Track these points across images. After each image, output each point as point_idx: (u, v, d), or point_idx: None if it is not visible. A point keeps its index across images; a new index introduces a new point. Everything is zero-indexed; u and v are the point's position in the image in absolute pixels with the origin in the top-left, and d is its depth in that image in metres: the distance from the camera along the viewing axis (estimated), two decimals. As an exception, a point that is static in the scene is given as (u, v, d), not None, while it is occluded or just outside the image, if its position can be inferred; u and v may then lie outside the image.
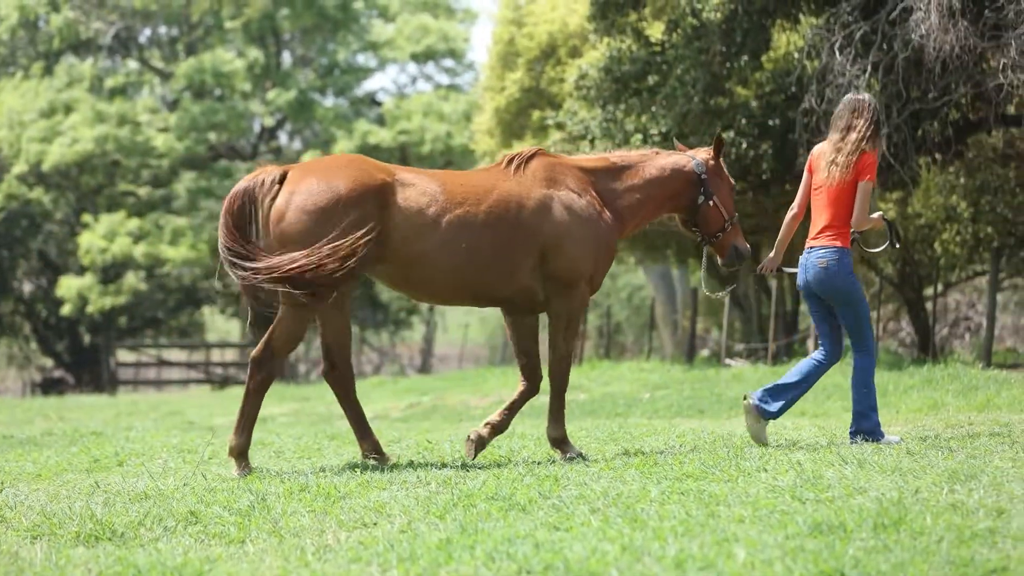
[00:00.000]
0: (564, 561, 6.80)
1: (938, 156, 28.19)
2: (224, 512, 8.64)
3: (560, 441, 11.18)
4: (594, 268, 11.17)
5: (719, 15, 26.04)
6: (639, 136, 27.22)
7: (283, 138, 59.27)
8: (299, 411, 28.94)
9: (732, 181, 11.67)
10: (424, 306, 55.75)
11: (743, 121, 27.02)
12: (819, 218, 11.23)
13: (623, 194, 11.34)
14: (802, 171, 11.73)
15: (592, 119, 28.77)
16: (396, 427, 19.03)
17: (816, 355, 11.32)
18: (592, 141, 28.62)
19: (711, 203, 11.40)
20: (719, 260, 11.56)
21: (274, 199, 10.64)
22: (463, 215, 10.76)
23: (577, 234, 11.00)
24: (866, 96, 11.29)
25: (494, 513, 8.14)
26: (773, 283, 34.32)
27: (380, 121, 55.09)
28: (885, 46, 24.41)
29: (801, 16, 27.47)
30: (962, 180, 39.12)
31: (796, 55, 27.01)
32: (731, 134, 26.84)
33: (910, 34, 23.24)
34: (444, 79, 59.50)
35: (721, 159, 11.58)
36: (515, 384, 11.54)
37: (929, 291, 40.14)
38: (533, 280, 11.02)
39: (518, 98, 37.08)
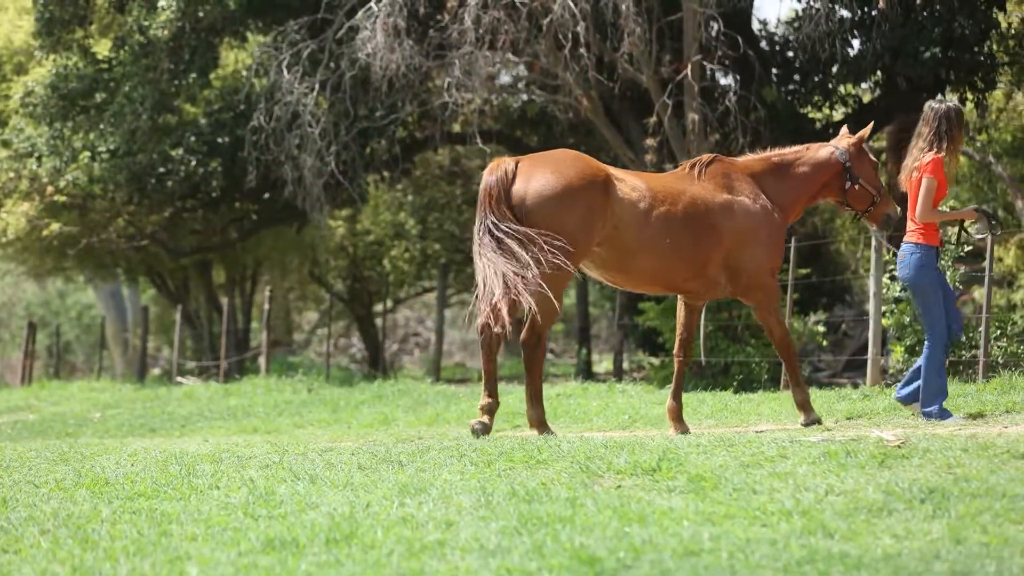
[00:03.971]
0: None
1: (386, 174, 28.78)
2: None
3: (803, 405, 12.60)
4: (771, 261, 12.52)
5: (166, 32, 25.69)
6: (87, 153, 26.56)
7: None
8: None
9: (874, 158, 12.94)
10: None
11: (192, 139, 26.76)
12: (909, 218, 12.10)
13: (785, 191, 12.64)
14: (251, 188, 11.79)
15: (39, 136, 27.90)
16: None
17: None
18: (39, 159, 27.74)
19: (857, 186, 12.70)
20: (872, 226, 13.18)
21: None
22: (666, 212, 12.01)
23: (758, 234, 12.38)
24: (935, 103, 12.12)
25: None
26: (224, 301, 34.11)
27: None
28: (333, 64, 24.72)
29: (249, 34, 27.49)
30: (410, 197, 40.18)
31: (245, 73, 27.00)
32: (180, 152, 26.53)
33: (357, 53, 23.62)
34: None
35: (863, 143, 12.86)
36: None
37: (379, 307, 40.93)
38: (718, 273, 12.35)
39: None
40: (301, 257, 39.32)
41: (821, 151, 12.81)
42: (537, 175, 11.80)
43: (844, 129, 13.31)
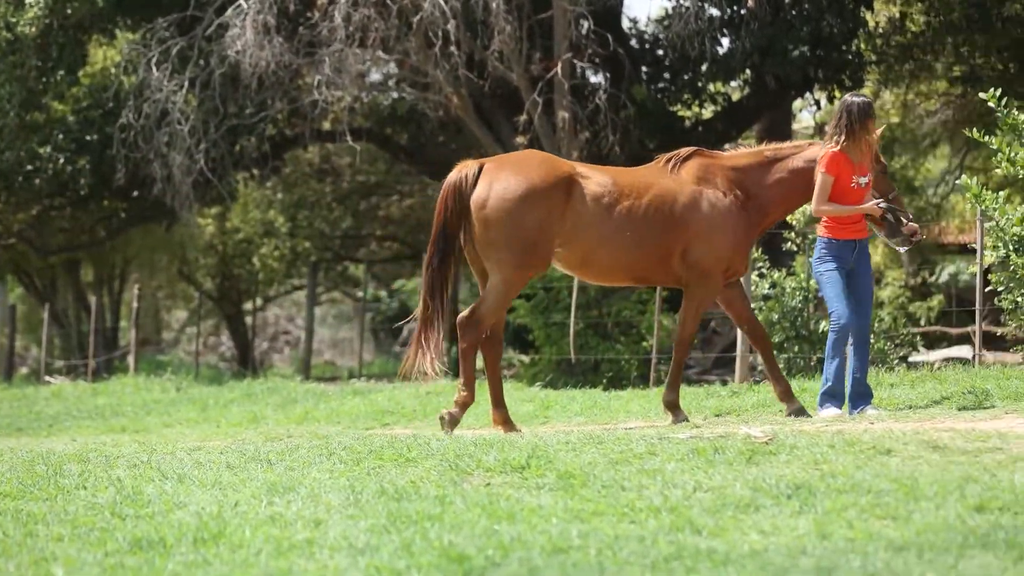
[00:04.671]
0: None
1: (256, 171, 28.57)
2: None
3: (672, 405, 12.54)
4: (730, 259, 12.32)
5: (34, 29, 25.32)
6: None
7: None
8: None
9: (882, 161, 12.29)
10: None
11: (60, 136, 26.40)
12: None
13: (770, 186, 12.43)
14: (120, 186, 11.66)
15: None
16: None
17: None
18: None
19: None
20: (880, 233, 12.21)
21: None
22: (630, 207, 12.07)
23: (716, 229, 12.19)
24: (846, 98, 11.93)
25: None
26: (93, 300, 33.69)
27: None
28: (202, 62, 24.52)
29: (118, 32, 27.18)
30: (280, 195, 39.96)
31: (113, 70, 26.68)
32: (48, 150, 26.16)
33: (227, 50, 23.44)
34: None
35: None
36: None
37: (249, 305, 40.65)
38: (680, 267, 12.30)
39: None
40: (170, 255, 38.94)
41: (816, 148, 12.52)
42: (500, 178, 12.00)
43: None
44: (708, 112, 28.64)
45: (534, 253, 12.00)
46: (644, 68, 26.63)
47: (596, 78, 25.60)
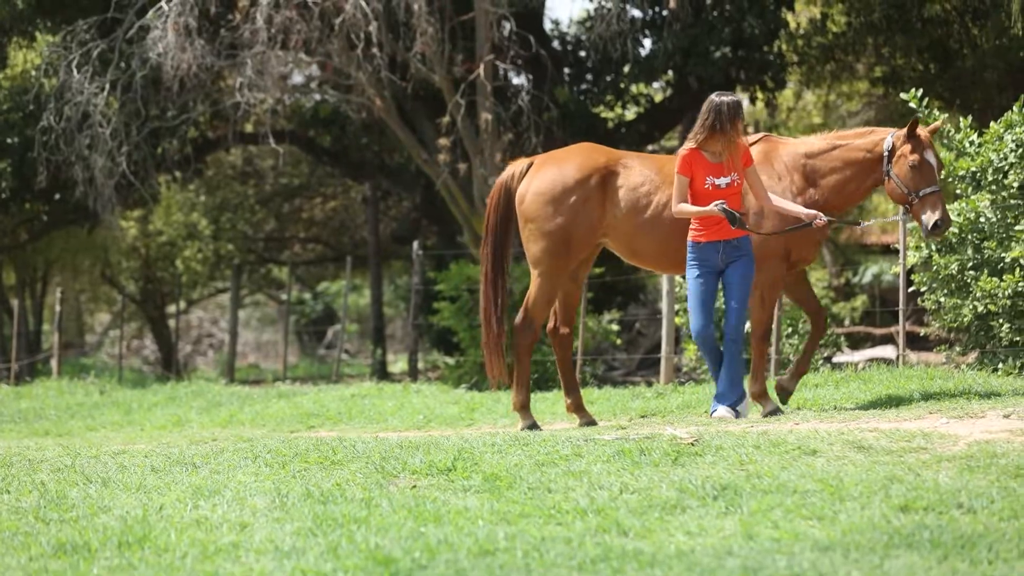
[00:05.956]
0: None
1: (178, 174, 28.42)
2: None
3: (760, 396, 12.05)
4: (785, 246, 11.96)
5: (-47, 32, 25.10)
6: None
7: None
8: None
9: (922, 157, 11.74)
10: None
11: (-27, 140, 26.14)
12: None
13: (828, 173, 12.13)
14: (42, 188, 11.52)
15: None
16: None
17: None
18: None
19: (888, 179, 11.92)
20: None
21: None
22: (670, 196, 11.80)
23: (765, 215, 11.89)
24: (712, 97, 11.64)
25: None
26: (15, 302, 33.34)
27: None
28: (123, 64, 24.33)
29: (38, 34, 26.93)
30: (203, 198, 39.76)
31: (34, 73, 26.41)
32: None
33: (148, 52, 23.28)
34: None
35: (916, 137, 11.73)
36: None
37: (172, 308, 40.39)
38: None
39: None
40: (93, 258, 38.61)
41: (878, 134, 12.27)
42: (539, 174, 12.32)
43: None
44: (631, 113, 28.76)
45: (570, 245, 12.17)
46: (567, 70, 26.71)
47: (519, 80, 25.63)
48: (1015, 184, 13.85)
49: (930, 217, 11.65)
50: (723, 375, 11.69)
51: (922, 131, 11.89)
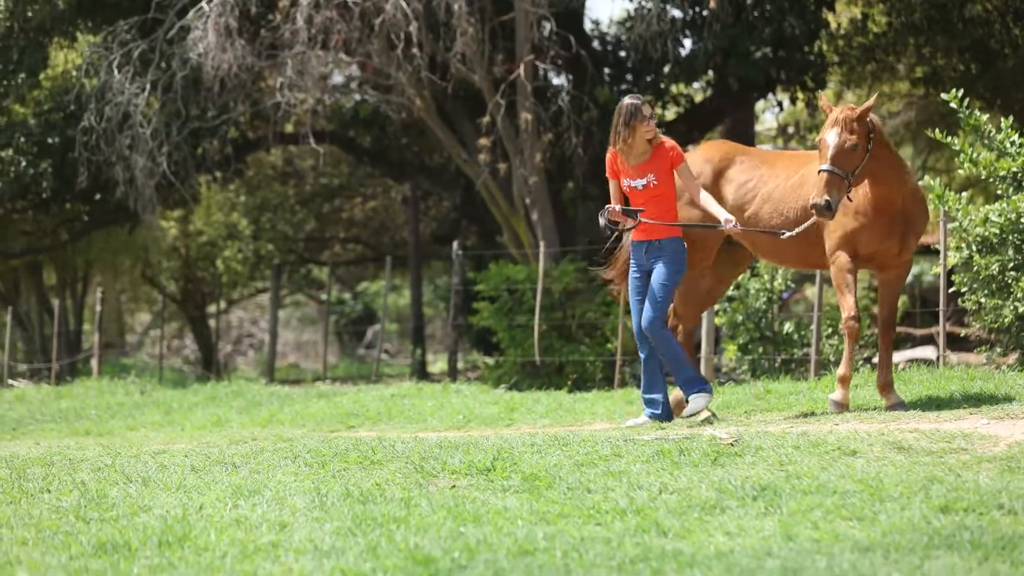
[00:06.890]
0: None
1: (218, 174, 28.49)
2: None
3: (885, 387, 11.89)
4: (847, 240, 11.71)
5: (-6, 32, 25.22)
6: None
7: None
8: None
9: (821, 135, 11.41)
10: None
11: (22, 139, 26.22)
12: None
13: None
14: (82, 189, 11.52)
15: None
16: None
17: None
18: None
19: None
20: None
21: None
22: (770, 191, 12.14)
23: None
24: (622, 99, 11.74)
25: None
26: (56, 302, 33.52)
27: None
28: (164, 64, 24.41)
29: (79, 34, 27.04)
30: (243, 198, 39.87)
31: (75, 73, 26.53)
32: (10, 152, 26.02)
33: (188, 52, 23.34)
34: None
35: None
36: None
37: (212, 308, 40.53)
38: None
39: None
40: (133, 258, 38.76)
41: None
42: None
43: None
44: (671, 114, 28.67)
45: (694, 242, 12.19)
46: (607, 70, 26.65)
47: (559, 80, 25.60)
48: (1057, 184, 13.76)
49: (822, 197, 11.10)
50: (673, 371, 11.81)
51: (825, 105, 11.60)
